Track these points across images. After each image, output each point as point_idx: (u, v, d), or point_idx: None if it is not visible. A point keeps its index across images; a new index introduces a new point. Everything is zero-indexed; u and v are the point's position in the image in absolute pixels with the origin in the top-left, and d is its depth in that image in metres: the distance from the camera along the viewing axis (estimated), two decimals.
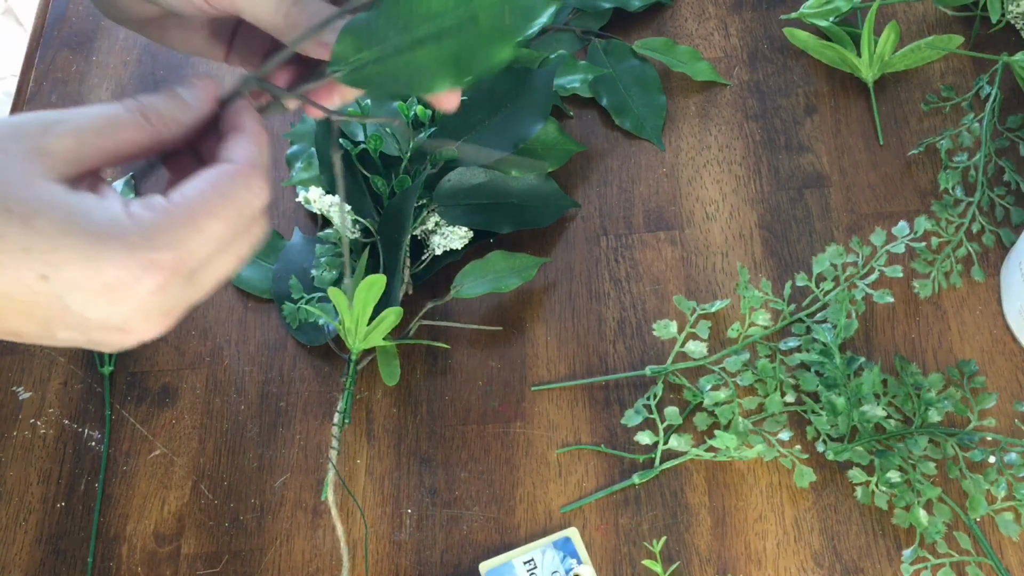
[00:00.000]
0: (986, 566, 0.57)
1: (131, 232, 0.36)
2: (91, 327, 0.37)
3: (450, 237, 0.66)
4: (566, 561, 0.58)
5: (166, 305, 0.38)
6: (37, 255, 0.35)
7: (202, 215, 0.37)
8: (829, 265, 0.65)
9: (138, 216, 0.36)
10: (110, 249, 0.35)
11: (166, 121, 0.39)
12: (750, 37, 0.77)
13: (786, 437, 0.61)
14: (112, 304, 0.36)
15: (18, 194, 0.35)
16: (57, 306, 0.36)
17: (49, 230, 0.35)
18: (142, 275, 0.36)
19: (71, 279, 0.35)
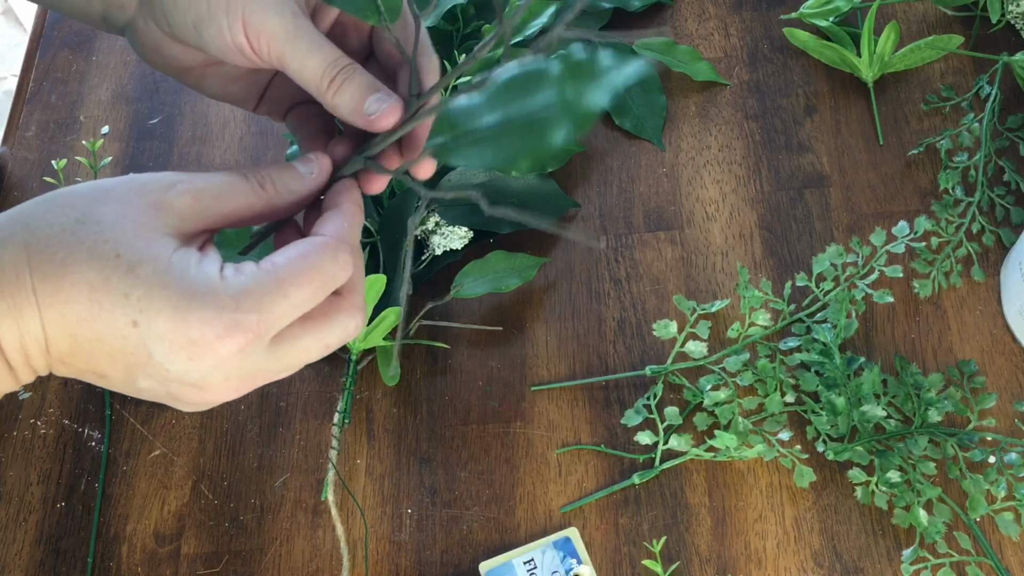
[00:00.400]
0: (986, 566, 0.57)
1: (221, 293, 0.38)
2: (170, 379, 0.39)
3: (450, 237, 0.66)
4: (566, 561, 0.58)
5: (245, 369, 0.39)
6: (133, 302, 0.37)
7: (288, 282, 0.39)
8: (829, 265, 0.65)
9: (229, 279, 0.38)
10: (199, 306, 0.37)
11: (280, 191, 0.42)
12: (750, 37, 0.77)
13: (786, 437, 0.61)
14: (192, 359, 0.38)
15: (130, 243, 0.37)
16: (142, 354, 0.38)
17: (150, 280, 0.37)
18: (225, 335, 0.38)
19: (158, 330, 0.37)
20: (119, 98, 0.79)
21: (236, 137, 0.76)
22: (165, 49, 0.47)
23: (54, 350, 0.38)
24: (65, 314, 0.37)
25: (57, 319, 0.37)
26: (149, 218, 0.38)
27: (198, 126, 0.77)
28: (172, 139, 0.77)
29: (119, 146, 0.77)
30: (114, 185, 0.39)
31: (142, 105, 0.79)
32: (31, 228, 0.37)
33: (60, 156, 0.76)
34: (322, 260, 0.40)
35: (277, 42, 0.43)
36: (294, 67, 0.44)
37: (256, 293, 0.38)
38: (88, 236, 0.37)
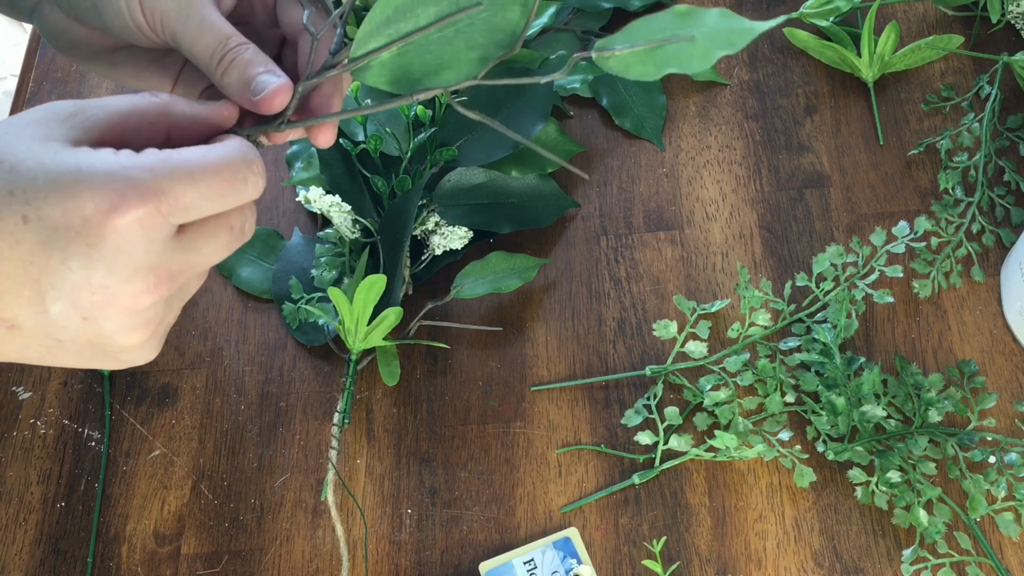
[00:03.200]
0: (986, 566, 0.57)
1: (115, 162, 0.35)
2: (78, 286, 0.35)
3: (450, 237, 0.66)
4: (566, 561, 0.58)
5: (153, 257, 0.36)
6: (19, 195, 0.34)
7: (200, 168, 0.36)
8: (829, 265, 0.65)
9: (124, 155, 0.36)
10: (86, 177, 0.34)
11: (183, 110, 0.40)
12: None
13: (786, 437, 0.61)
14: (92, 246, 0.35)
15: (13, 148, 0.35)
16: (40, 257, 0.34)
17: (34, 171, 0.34)
18: (120, 201, 0.34)
19: (51, 217, 0.34)
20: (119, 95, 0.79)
21: None
22: (72, 33, 0.47)
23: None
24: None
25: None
26: (43, 129, 0.36)
27: None
28: None
29: None
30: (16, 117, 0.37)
31: None
32: None
33: None
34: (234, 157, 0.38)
35: (169, 20, 0.43)
36: (186, 46, 0.43)
37: (158, 167, 0.36)
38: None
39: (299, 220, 0.72)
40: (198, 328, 0.69)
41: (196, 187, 0.36)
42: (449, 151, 0.67)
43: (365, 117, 0.66)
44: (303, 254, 0.69)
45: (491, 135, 0.68)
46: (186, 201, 0.36)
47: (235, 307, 0.69)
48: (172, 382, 0.67)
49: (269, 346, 0.67)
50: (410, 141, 0.67)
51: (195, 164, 0.36)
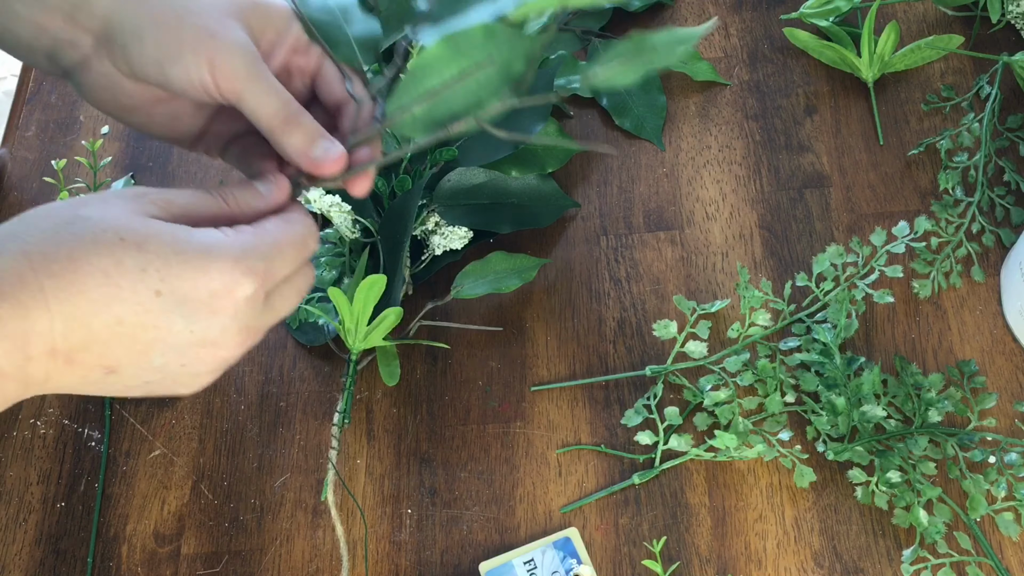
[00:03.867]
0: (986, 566, 0.57)
1: (231, 246, 0.42)
2: (190, 343, 0.42)
3: (450, 237, 0.66)
4: (566, 561, 0.58)
5: (252, 319, 0.43)
6: (152, 272, 0.39)
7: (284, 243, 0.44)
8: (829, 265, 0.65)
9: (233, 235, 0.42)
10: (216, 259, 0.41)
11: (242, 207, 0.45)
12: (750, 37, 0.77)
13: (786, 437, 0.61)
14: (214, 313, 0.41)
15: (128, 226, 0.40)
16: (163, 324, 0.40)
17: (162, 251, 0.40)
18: (242, 280, 0.41)
19: (182, 292, 0.40)
20: None
21: None
22: (119, 88, 0.49)
23: (63, 347, 0.39)
24: (79, 304, 0.38)
25: (71, 312, 0.38)
26: (132, 208, 0.41)
27: None
28: None
29: (119, 146, 0.77)
30: (87, 196, 0.42)
31: None
32: (22, 237, 0.39)
33: (60, 156, 0.76)
34: (301, 231, 0.46)
35: (238, 81, 0.46)
36: (251, 106, 0.47)
37: (260, 248, 0.43)
38: (85, 231, 0.39)
39: None
40: None
41: (284, 260, 0.44)
42: (449, 151, 0.67)
43: None
44: None
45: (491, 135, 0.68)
46: (278, 273, 0.44)
47: None
48: None
49: (269, 346, 0.67)
50: None
51: (283, 242, 0.44)
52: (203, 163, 0.75)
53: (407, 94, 0.45)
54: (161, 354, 0.41)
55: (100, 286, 0.38)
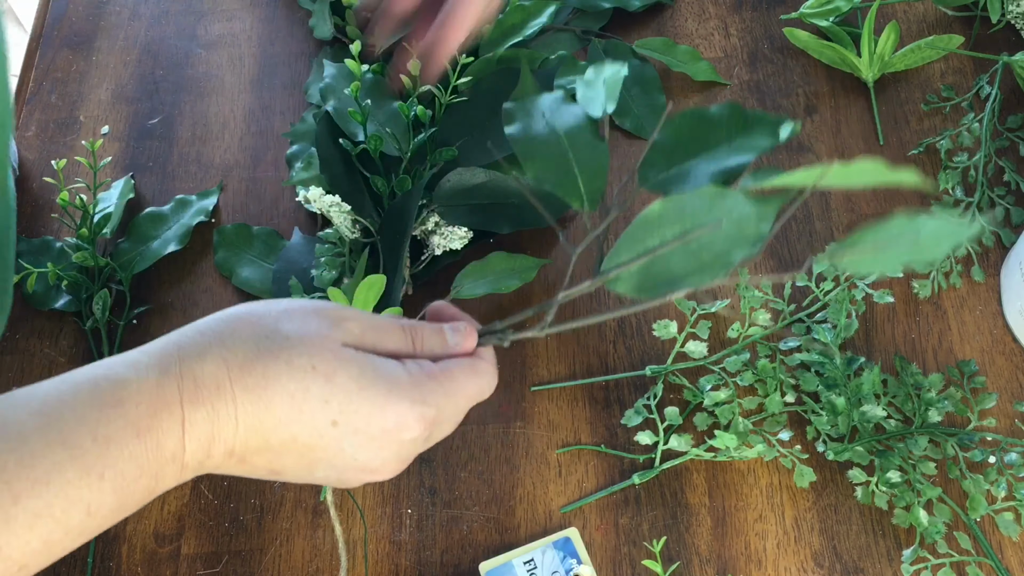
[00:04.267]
0: (986, 566, 0.57)
1: (411, 387, 0.43)
2: (351, 467, 0.44)
3: (450, 237, 0.66)
4: (566, 561, 0.58)
5: (411, 452, 0.45)
6: (334, 405, 0.42)
7: (459, 387, 0.45)
8: (829, 265, 0.65)
9: (416, 373, 0.44)
10: (395, 400, 0.42)
11: (425, 349, 0.46)
12: (750, 37, 0.77)
13: (786, 437, 0.61)
14: (381, 448, 0.43)
15: (321, 355, 0.42)
16: (334, 448, 0.43)
17: (347, 385, 0.42)
18: (414, 424, 0.43)
19: (355, 426, 0.42)
20: (119, 98, 0.79)
21: (236, 137, 0.76)
22: None
23: (240, 450, 0.42)
24: (264, 420, 0.41)
25: (255, 424, 0.41)
26: (328, 332, 0.42)
27: (198, 126, 0.77)
28: (172, 139, 0.77)
29: (119, 146, 0.77)
30: (293, 306, 0.44)
31: (142, 105, 0.79)
32: (225, 344, 0.41)
33: (60, 156, 0.76)
34: (482, 377, 0.46)
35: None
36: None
37: (438, 392, 0.44)
38: (282, 351, 0.41)
39: (299, 220, 0.72)
40: None
41: (456, 408, 0.45)
42: (449, 151, 0.67)
43: (365, 117, 0.66)
44: (303, 254, 0.69)
45: (491, 135, 0.68)
46: (447, 418, 0.45)
47: None
48: None
49: None
50: (410, 141, 0.67)
51: (460, 393, 0.45)
52: (203, 163, 0.75)
53: (626, 250, 0.44)
54: (323, 470, 0.44)
55: (285, 406, 0.41)
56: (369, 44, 0.69)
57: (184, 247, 0.71)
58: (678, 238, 0.42)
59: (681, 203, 0.43)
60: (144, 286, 0.70)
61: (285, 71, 0.80)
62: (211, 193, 0.73)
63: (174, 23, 0.83)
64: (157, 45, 0.82)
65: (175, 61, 0.81)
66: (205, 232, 0.72)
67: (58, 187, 0.69)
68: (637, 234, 0.43)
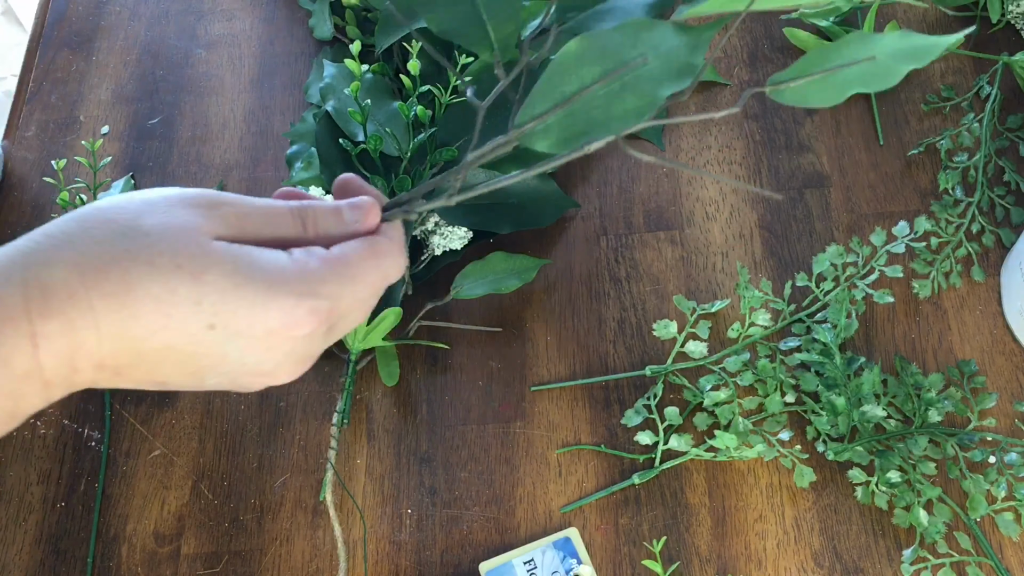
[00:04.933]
0: (986, 566, 0.57)
1: (297, 279, 0.38)
2: (242, 372, 0.40)
3: (450, 237, 0.66)
4: (566, 561, 0.58)
5: (310, 350, 0.41)
6: (207, 306, 0.37)
7: (357, 273, 0.40)
8: (829, 265, 0.65)
9: (302, 262, 0.39)
10: (277, 295, 0.38)
11: (320, 233, 0.41)
12: (750, 37, 0.77)
13: (786, 437, 0.61)
14: (269, 349, 0.39)
15: (187, 251, 0.37)
16: (216, 354, 0.38)
17: (220, 283, 0.37)
18: (303, 320, 0.38)
19: (236, 327, 0.38)
20: (119, 98, 0.79)
21: (236, 137, 0.76)
22: None
23: (111, 363, 0.38)
24: (130, 328, 0.37)
25: (120, 333, 0.37)
26: (195, 225, 0.38)
27: (198, 126, 0.77)
28: (172, 139, 0.77)
29: (119, 146, 0.77)
30: (154, 197, 0.38)
31: (142, 105, 0.79)
32: (76, 246, 0.36)
33: (60, 156, 0.76)
34: (389, 268, 0.41)
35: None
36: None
37: (331, 281, 0.39)
38: (142, 250, 0.36)
39: None
40: None
41: (355, 295, 0.40)
42: (449, 151, 0.67)
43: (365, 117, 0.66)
44: None
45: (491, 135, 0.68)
46: (345, 307, 0.40)
47: None
48: None
49: None
50: (410, 141, 0.67)
51: (358, 276, 0.40)
52: (203, 163, 0.75)
53: (541, 100, 0.39)
54: (212, 377, 0.40)
55: (151, 313, 0.37)
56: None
57: None
58: (599, 80, 0.38)
59: (601, 39, 0.38)
60: None
61: (285, 71, 0.80)
62: None
63: (174, 23, 0.83)
64: (157, 45, 0.82)
65: (175, 61, 0.81)
66: None
67: (58, 187, 0.69)
68: (553, 80, 0.38)
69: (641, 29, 0.38)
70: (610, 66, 0.38)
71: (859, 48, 0.36)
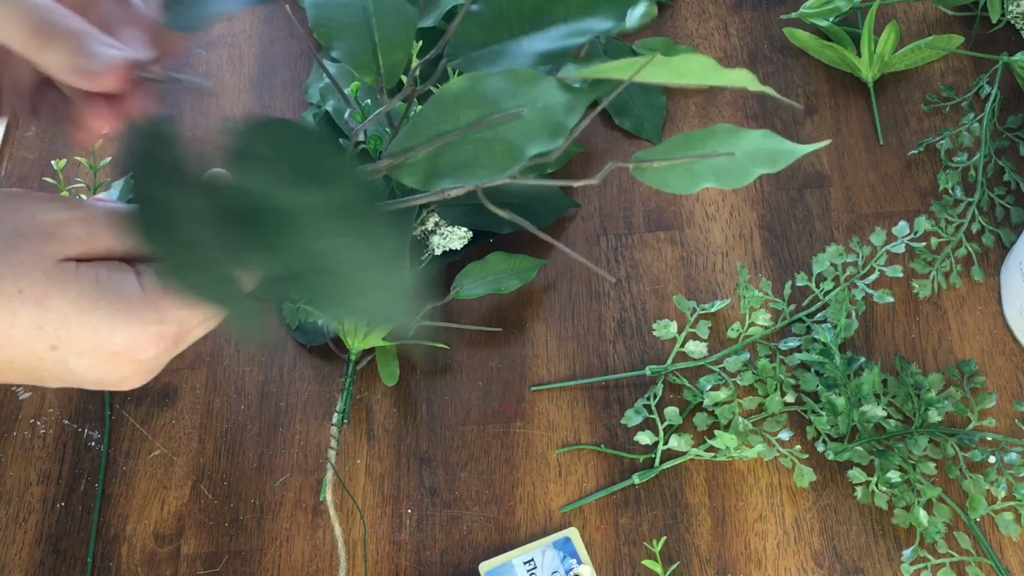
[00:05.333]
0: (986, 566, 0.57)
1: (142, 305, 0.39)
2: (86, 382, 0.40)
3: (449, 237, 0.66)
4: (566, 561, 0.58)
5: (157, 365, 0.41)
6: (49, 331, 0.38)
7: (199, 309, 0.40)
8: (829, 265, 0.65)
9: (150, 291, 0.39)
10: (122, 322, 0.38)
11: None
12: (750, 37, 0.77)
13: (786, 437, 0.61)
14: (114, 369, 0.40)
15: (30, 277, 0.37)
16: (59, 369, 0.39)
17: (62, 309, 0.37)
18: (149, 345, 0.39)
19: (79, 349, 0.38)
20: None
21: None
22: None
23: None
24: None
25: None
26: (42, 248, 0.38)
27: (198, 126, 0.77)
28: None
29: (119, 146, 0.77)
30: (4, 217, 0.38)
31: None
32: None
33: (60, 156, 0.76)
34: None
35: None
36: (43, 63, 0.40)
37: (177, 306, 0.39)
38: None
39: None
40: None
41: (201, 312, 0.41)
42: None
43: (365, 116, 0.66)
44: None
45: None
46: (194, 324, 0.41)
47: None
48: (172, 382, 0.67)
49: (269, 346, 0.67)
50: None
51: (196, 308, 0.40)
52: None
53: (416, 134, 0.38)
54: (56, 383, 0.41)
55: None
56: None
57: None
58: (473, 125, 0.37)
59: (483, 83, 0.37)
60: None
61: (285, 71, 0.80)
62: None
63: None
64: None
65: (175, 61, 0.81)
66: None
67: (58, 187, 0.69)
68: (431, 116, 0.38)
69: (524, 81, 0.38)
70: (486, 112, 0.38)
71: (724, 141, 0.36)
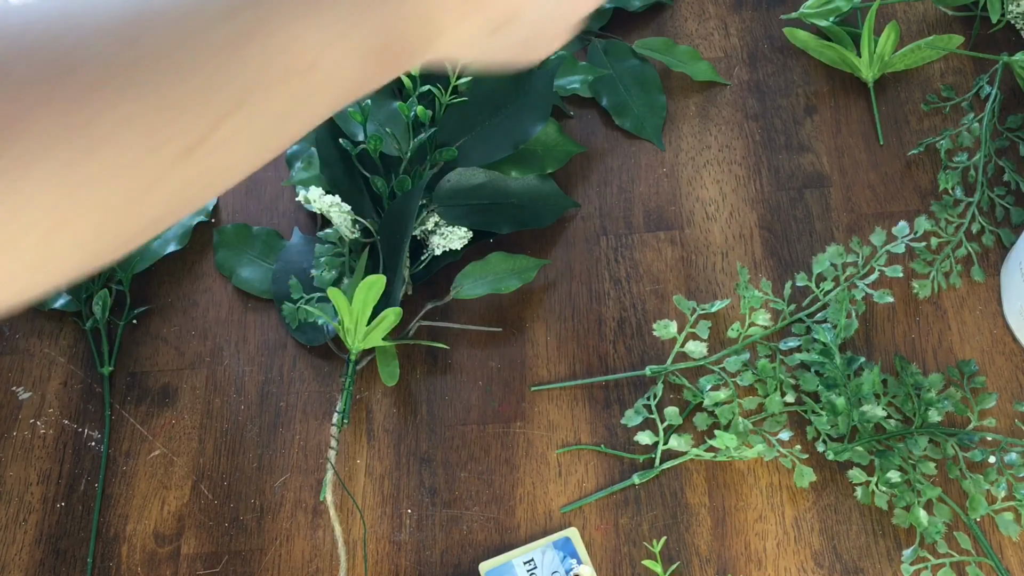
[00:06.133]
0: (986, 566, 0.57)
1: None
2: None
3: (449, 237, 0.66)
4: (566, 561, 0.58)
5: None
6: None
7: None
8: (829, 265, 0.65)
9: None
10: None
11: None
12: (750, 37, 0.77)
13: (786, 437, 0.61)
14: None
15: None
16: None
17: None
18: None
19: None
20: None
21: None
22: None
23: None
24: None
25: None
26: None
27: None
28: None
29: None
30: None
31: None
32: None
33: None
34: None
35: None
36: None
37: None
38: None
39: (299, 220, 0.72)
40: (198, 328, 0.69)
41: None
42: (449, 151, 0.67)
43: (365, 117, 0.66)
44: (303, 254, 0.69)
45: (491, 135, 0.68)
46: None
47: (235, 307, 0.69)
48: (172, 382, 0.67)
49: (269, 346, 0.67)
50: (410, 141, 0.67)
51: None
52: None
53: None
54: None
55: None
56: None
57: (184, 247, 0.71)
58: None
59: None
60: (144, 286, 0.70)
61: None
62: None
63: None
64: None
65: None
66: (205, 232, 0.72)
67: None
68: None
69: None
70: None
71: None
